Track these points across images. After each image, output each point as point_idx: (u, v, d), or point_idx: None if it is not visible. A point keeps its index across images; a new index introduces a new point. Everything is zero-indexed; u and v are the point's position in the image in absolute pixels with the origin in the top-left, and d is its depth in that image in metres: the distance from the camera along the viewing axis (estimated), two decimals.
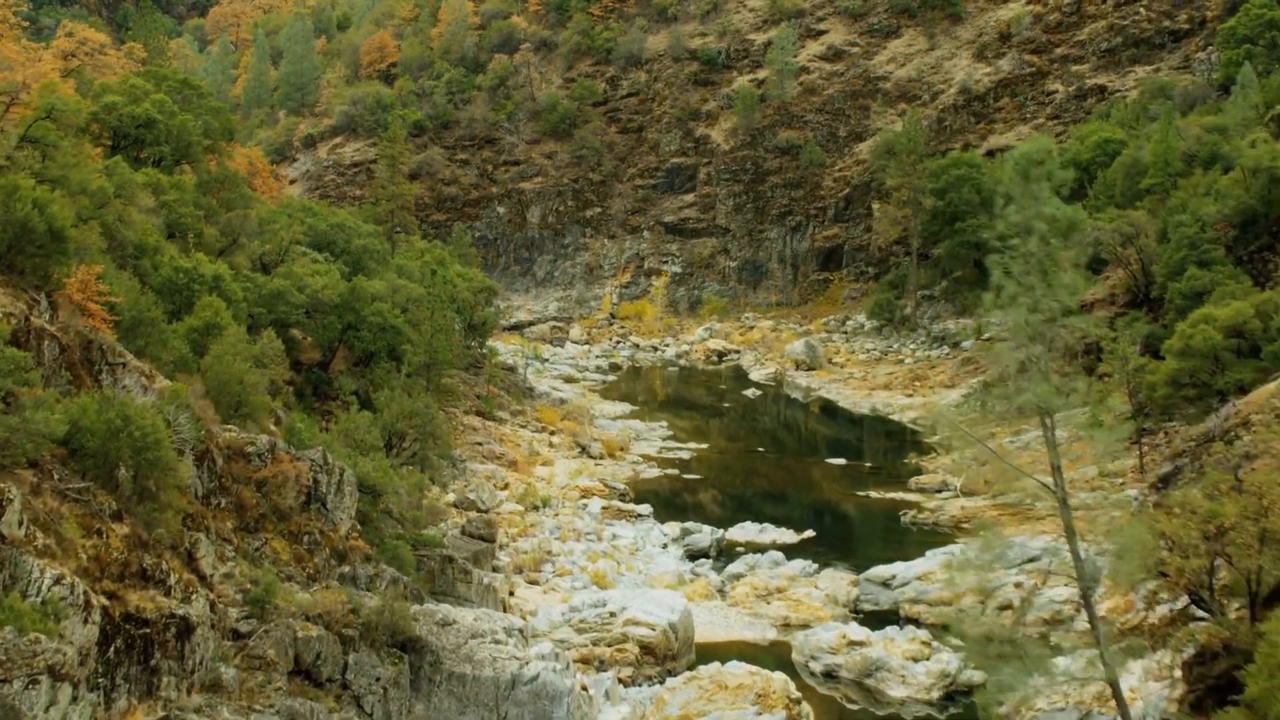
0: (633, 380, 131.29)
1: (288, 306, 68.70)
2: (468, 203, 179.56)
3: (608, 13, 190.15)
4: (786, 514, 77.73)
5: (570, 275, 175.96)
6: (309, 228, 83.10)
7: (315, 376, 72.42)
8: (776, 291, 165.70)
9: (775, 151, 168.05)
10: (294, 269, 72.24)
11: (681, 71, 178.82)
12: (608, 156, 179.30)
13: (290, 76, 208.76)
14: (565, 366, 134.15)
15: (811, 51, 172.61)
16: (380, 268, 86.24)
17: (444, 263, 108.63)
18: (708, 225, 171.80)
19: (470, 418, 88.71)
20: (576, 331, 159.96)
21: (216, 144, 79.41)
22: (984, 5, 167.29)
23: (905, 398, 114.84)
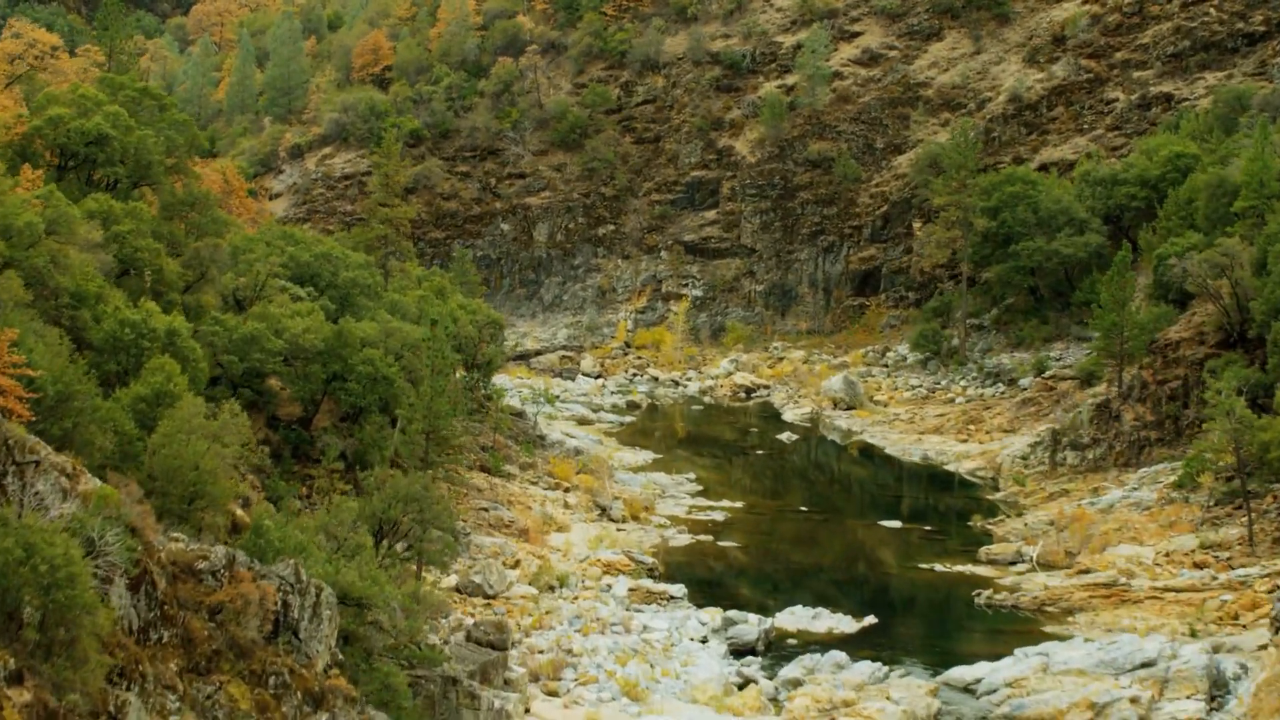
0: (653, 421, 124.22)
1: (262, 354, 61.66)
2: (469, 219, 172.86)
3: (622, 12, 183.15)
4: (841, 593, 70.49)
5: (581, 299, 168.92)
6: (290, 258, 75.93)
7: (295, 435, 65.27)
8: (807, 318, 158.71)
9: (805, 165, 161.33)
10: (270, 309, 65.03)
11: (703, 76, 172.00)
12: (622, 169, 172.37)
13: (276, 80, 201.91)
14: (578, 405, 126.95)
15: (845, 55, 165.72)
16: (373, 303, 79.07)
17: (444, 293, 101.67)
18: (731, 245, 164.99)
19: (475, 474, 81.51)
20: (588, 362, 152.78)
21: (182, 162, 72.09)
22: (1035, 5, 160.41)
23: (959, 443, 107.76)
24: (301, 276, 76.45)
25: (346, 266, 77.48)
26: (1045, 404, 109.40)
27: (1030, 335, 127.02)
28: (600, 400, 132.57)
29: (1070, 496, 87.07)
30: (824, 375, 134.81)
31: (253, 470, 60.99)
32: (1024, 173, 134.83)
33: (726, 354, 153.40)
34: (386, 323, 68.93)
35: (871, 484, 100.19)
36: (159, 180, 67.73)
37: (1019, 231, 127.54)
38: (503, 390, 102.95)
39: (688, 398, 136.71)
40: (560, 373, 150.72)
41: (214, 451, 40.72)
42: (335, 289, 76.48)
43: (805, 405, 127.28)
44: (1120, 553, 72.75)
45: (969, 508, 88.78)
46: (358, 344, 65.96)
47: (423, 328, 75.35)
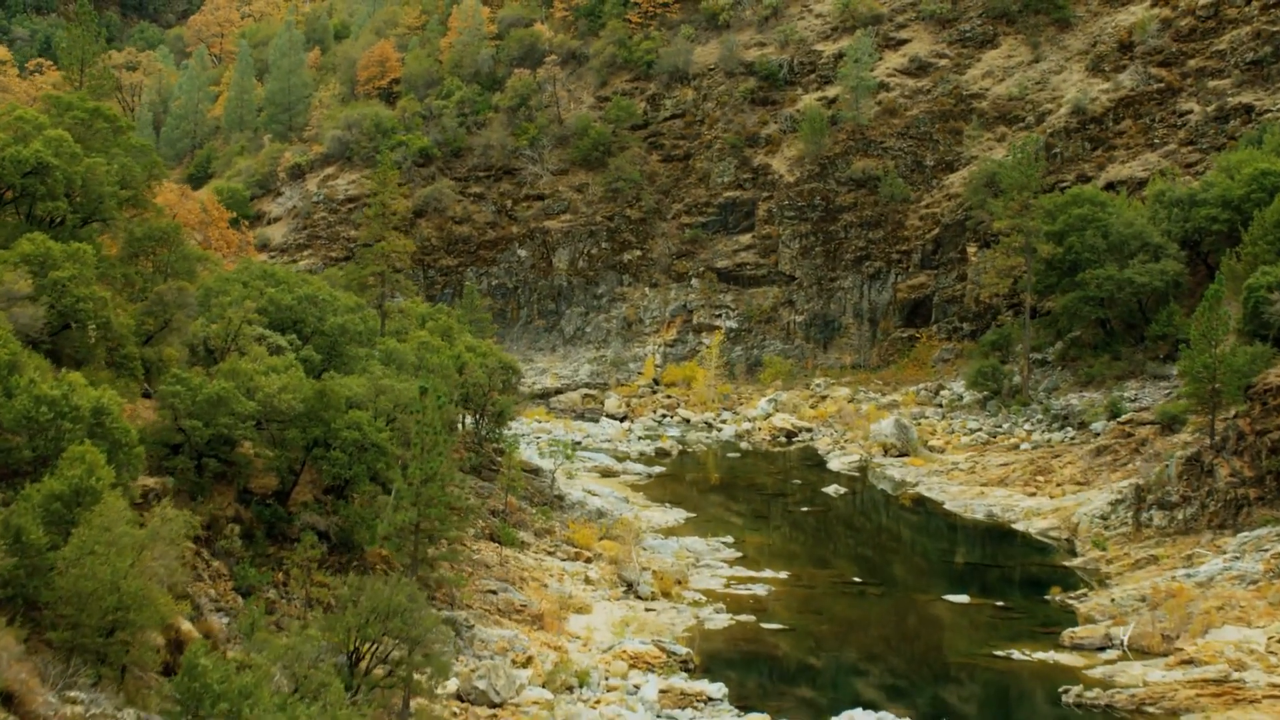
0: (685, 471, 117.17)
1: (231, 418, 54.96)
2: (483, 244, 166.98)
3: (648, 19, 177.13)
4: (907, 689, 63.36)
5: (604, 331, 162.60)
6: (270, 301, 69.26)
7: (270, 511, 58.45)
8: (851, 351, 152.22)
9: (849, 184, 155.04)
10: (241, 364, 58.35)
11: (736, 89, 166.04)
12: (649, 189, 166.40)
13: (276, 95, 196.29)
14: (602, 454, 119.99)
15: (891, 64, 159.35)
16: (366, 351, 72.48)
17: (450, 334, 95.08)
18: (769, 272, 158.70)
19: (483, 546, 74.62)
20: (613, 402, 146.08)
21: (140, 194, 65.46)
22: (1098, 8, 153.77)
23: (1027, 498, 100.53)
24: (283, 322, 69.85)
25: (334, 310, 70.80)
26: (1122, 452, 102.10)
27: (1100, 372, 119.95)
28: (626, 447, 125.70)
29: (1160, 565, 79.86)
30: (872, 417, 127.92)
31: (218, 556, 54.67)
32: (1092, 193, 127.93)
33: (764, 391, 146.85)
34: (378, 378, 62.05)
35: (931, 547, 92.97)
36: (111, 215, 60.99)
37: (1087, 258, 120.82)
38: (516, 444, 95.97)
39: (722, 443, 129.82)
40: (582, 414, 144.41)
41: (142, 567, 33.96)
42: (322, 336, 69.85)
43: (852, 451, 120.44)
44: (1227, 637, 65.50)
45: (1044, 577, 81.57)
46: (343, 405, 59.22)
47: (424, 379, 68.68)
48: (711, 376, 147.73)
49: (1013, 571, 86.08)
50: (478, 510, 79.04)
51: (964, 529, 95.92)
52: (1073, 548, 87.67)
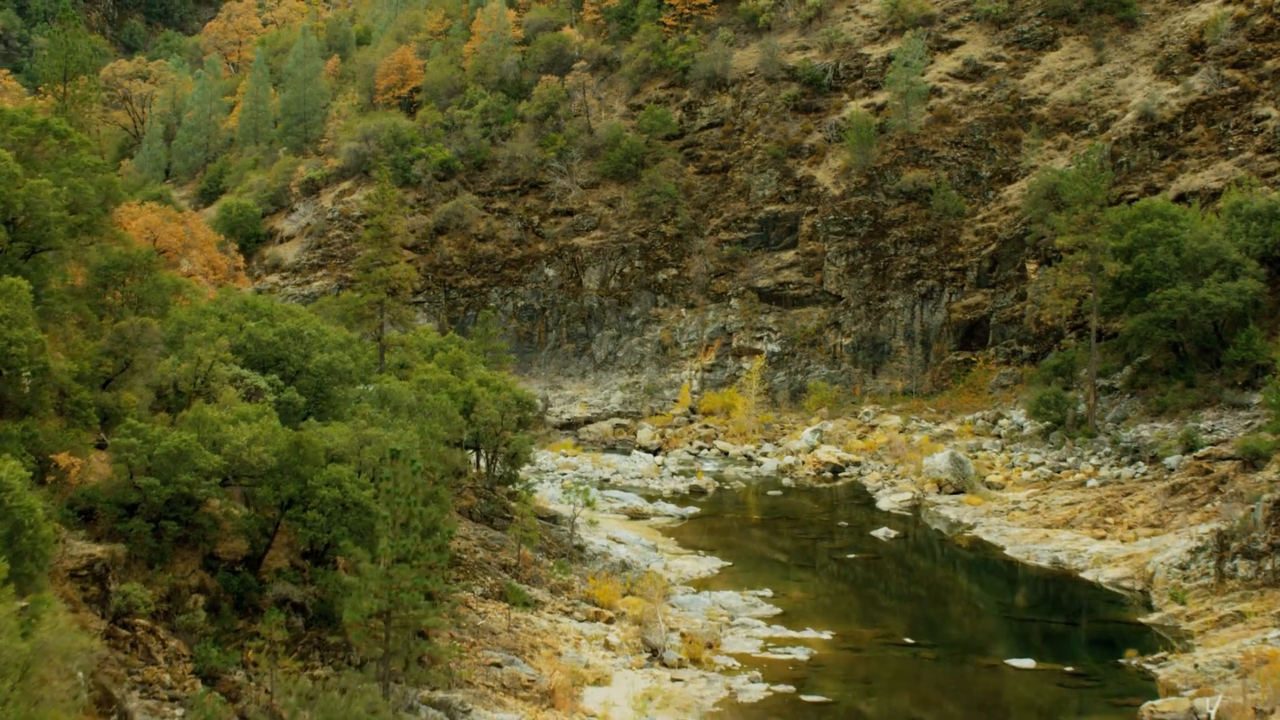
0: (721, 512, 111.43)
1: (193, 475, 49.93)
2: (508, 263, 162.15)
3: (683, 22, 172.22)
4: None
5: (638, 356, 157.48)
6: (249, 336, 64.13)
7: (238, 580, 53.17)
8: (903, 376, 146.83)
9: (899, 197, 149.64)
10: (207, 412, 53.22)
11: (777, 95, 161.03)
12: (685, 204, 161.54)
13: (291, 105, 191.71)
14: (631, 494, 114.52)
15: (944, 68, 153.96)
16: (360, 390, 67.27)
17: (462, 366, 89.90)
18: (813, 291, 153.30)
19: (490, 606, 69.14)
20: (646, 433, 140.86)
21: (96, 219, 60.32)
22: (1166, 7, 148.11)
23: (1096, 541, 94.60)
24: (264, 360, 64.76)
25: (321, 347, 65.53)
26: (1200, 491, 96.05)
27: (1173, 401, 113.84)
28: (658, 484, 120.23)
29: (1248, 624, 73.86)
30: (925, 449, 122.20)
31: (178, 633, 49.53)
32: (1162, 206, 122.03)
33: (808, 420, 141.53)
34: (362, 427, 56.70)
35: (991, 600, 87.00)
36: (58, 244, 55.85)
37: (1158, 276, 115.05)
38: (531, 491, 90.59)
39: (762, 479, 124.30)
40: (613, 445, 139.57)
41: (24, 691, 28.64)
42: (308, 375, 64.67)
43: (904, 488, 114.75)
44: None
45: (1117, 635, 75.66)
46: (322, 458, 54.02)
47: (420, 423, 63.44)
48: (752, 404, 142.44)
49: (1082, 629, 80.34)
50: (489, 565, 73.87)
51: (1027, 577, 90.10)
52: (1148, 600, 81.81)
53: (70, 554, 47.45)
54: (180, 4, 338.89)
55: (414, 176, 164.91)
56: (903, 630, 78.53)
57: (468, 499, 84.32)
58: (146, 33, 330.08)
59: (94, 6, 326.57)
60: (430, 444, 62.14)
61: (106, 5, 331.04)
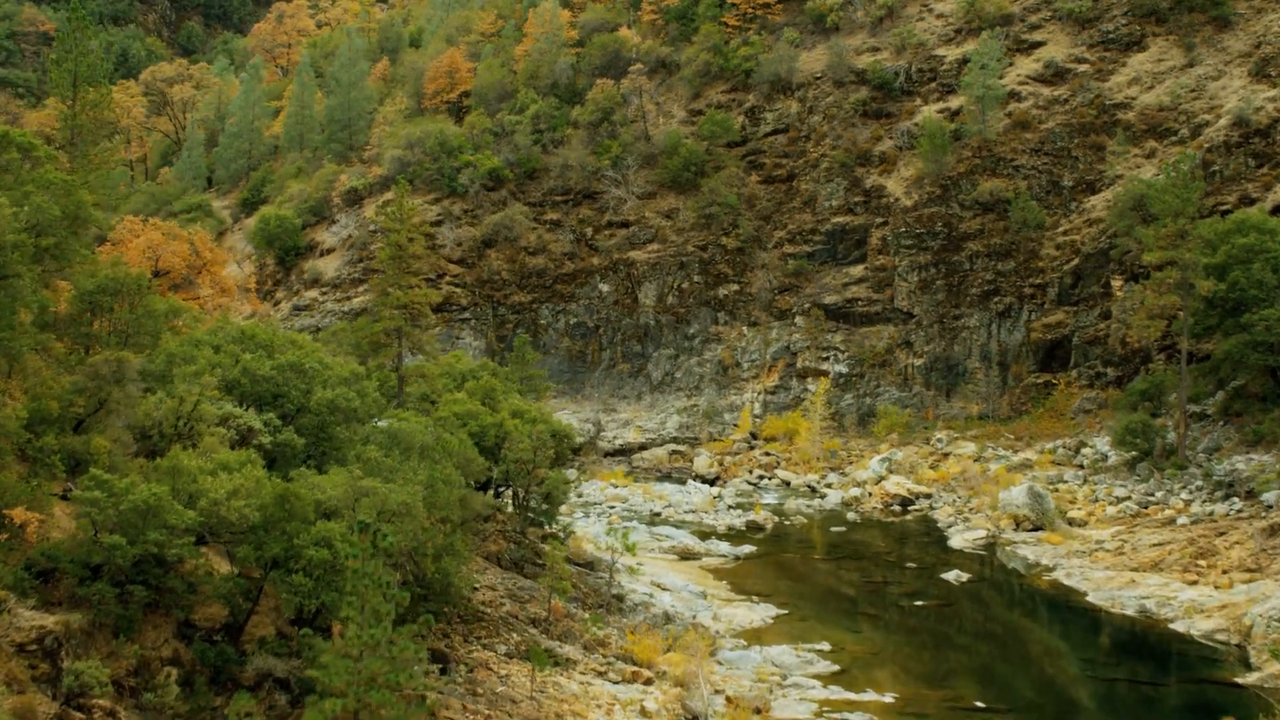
0: (779, 550, 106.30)
1: (163, 533, 45.61)
2: (560, 278, 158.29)
3: (746, 22, 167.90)
4: None
5: (697, 377, 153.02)
6: (244, 370, 59.81)
7: (216, 651, 48.60)
8: (978, 400, 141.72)
9: (974, 208, 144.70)
10: (183, 461, 48.90)
11: (846, 100, 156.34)
12: (747, 215, 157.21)
13: (335, 111, 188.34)
14: (683, 531, 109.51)
15: (1023, 71, 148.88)
16: (369, 429, 62.84)
17: (494, 397, 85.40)
18: (883, 309, 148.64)
19: (514, 667, 64.34)
20: (703, 460, 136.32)
21: (64, 243, 56.11)
22: (1262, 5, 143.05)
23: (1188, 587, 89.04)
24: (260, 397, 60.41)
25: (324, 382, 61.10)
26: None
27: (1271, 430, 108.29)
28: (713, 519, 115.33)
29: None
30: (1002, 481, 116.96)
31: (146, 712, 45.11)
32: (1259, 218, 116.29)
33: (877, 446, 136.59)
34: (358, 478, 52.14)
35: (1071, 655, 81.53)
36: (16, 272, 51.55)
37: (1254, 295, 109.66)
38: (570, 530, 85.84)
39: (826, 513, 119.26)
40: (668, 473, 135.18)
41: None
42: (309, 413, 60.27)
43: (978, 524, 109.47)
44: None
45: (1212, 699, 70.22)
46: (311, 513, 49.52)
47: (431, 470, 58.86)
48: (816, 430, 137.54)
49: (1172, 690, 74.89)
50: (515, 620, 69.24)
51: (1111, 628, 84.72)
52: (1245, 657, 76.40)
53: (17, 626, 43.41)
54: (239, 5, 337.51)
55: (460, 186, 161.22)
56: (974, 692, 73.33)
57: (496, 544, 79.79)
58: (205, 35, 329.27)
59: (151, 8, 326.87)
60: (443, 491, 57.55)
61: (164, 7, 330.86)
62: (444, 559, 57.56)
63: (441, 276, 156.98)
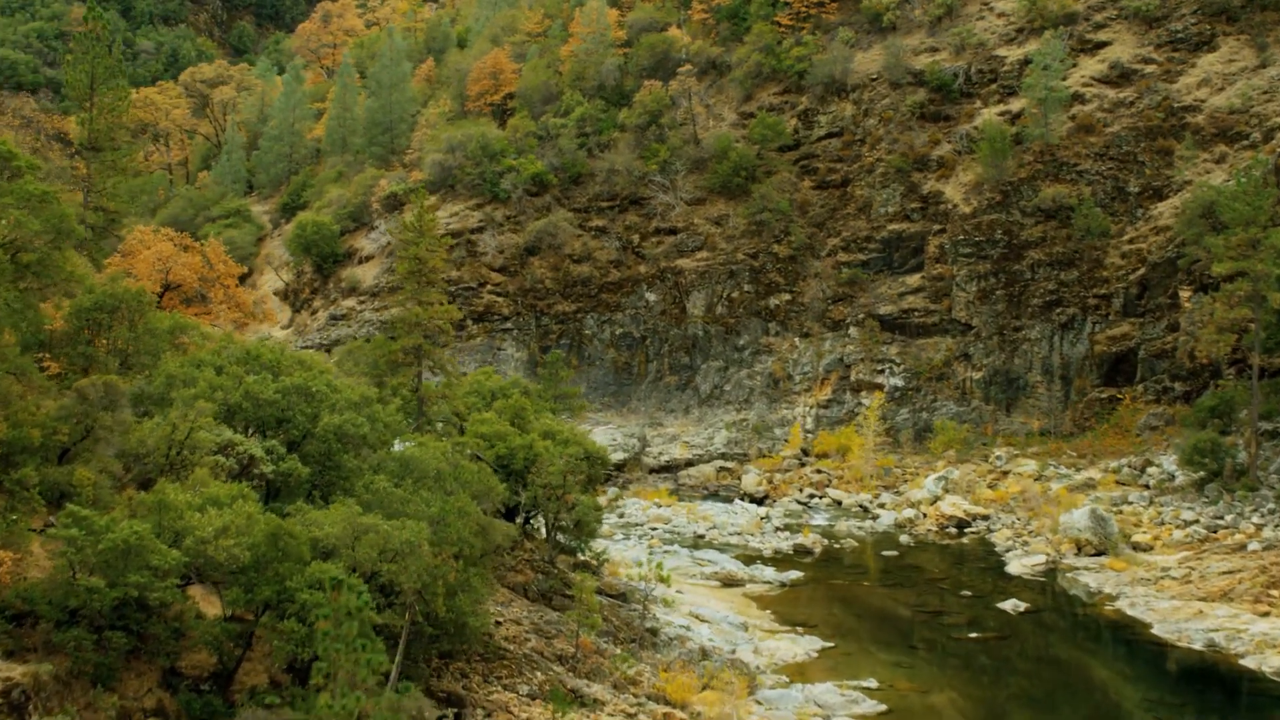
0: (827, 576, 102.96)
1: (145, 574, 43.00)
2: (605, 287, 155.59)
3: (800, 22, 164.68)
4: None
5: (746, 390, 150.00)
6: (246, 393, 57.09)
7: (202, 703, 45.82)
8: (1039, 415, 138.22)
9: (1036, 215, 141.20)
10: (170, 495, 46.26)
11: (903, 102, 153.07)
12: (799, 222, 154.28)
13: (375, 113, 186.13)
14: (726, 556, 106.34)
15: (1088, 72, 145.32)
16: (381, 455, 60.04)
17: (523, 416, 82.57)
18: (940, 320, 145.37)
19: (537, 710, 61.34)
20: (752, 478, 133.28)
21: (48, 257, 53.45)
22: None
23: (1259, 619, 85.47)
24: (264, 422, 57.68)
25: (332, 406, 58.27)
26: None
27: None
28: (759, 542, 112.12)
29: None
30: (1063, 502, 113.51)
31: None
32: None
33: (933, 464, 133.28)
34: (357, 514, 49.25)
35: (1134, 696, 77.95)
36: None
37: None
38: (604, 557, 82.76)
39: (878, 535, 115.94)
40: (715, 491, 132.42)
41: None
42: (315, 440, 57.49)
43: (1037, 549, 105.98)
44: None
45: None
46: (306, 553, 46.76)
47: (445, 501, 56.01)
48: (870, 446, 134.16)
49: None
50: (537, 659, 66.27)
51: (1177, 664, 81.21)
52: None
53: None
54: (291, 5, 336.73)
55: (503, 191, 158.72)
56: None
57: (523, 574, 76.84)
58: (256, 35, 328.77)
59: (201, 8, 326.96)
60: (455, 525, 54.69)
61: (215, 6, 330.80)
62: (458, 596, 54.74)
63: (483, 285, 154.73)
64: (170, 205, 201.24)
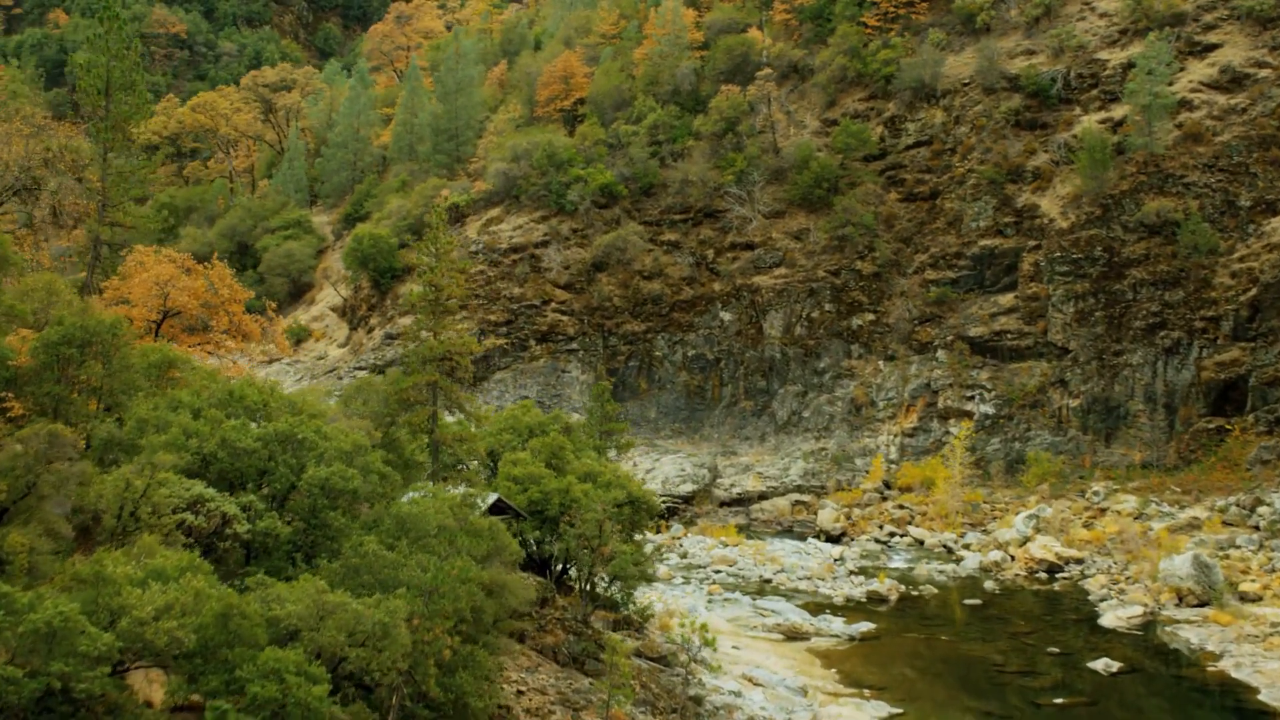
0: (902, 628, 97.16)
1: (72, 661, 38.26)
2: (677, 305, 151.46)
3: (888, 23, 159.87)
4: None
5: (826, 417, 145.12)
6: (222, 442, 52.28)
7: None
8: (1141, 446, 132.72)
9: (1139, 230, 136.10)
10: (109, 568, 41.56)
11: (996, 108, 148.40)
12: (884, 237, 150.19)
13: (440, 120, 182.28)
14: (792, 605, 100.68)
15: (1196, 76, 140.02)
16: (378, 510, 55.11)
17: (561, 455, 77.52)
18: (1035, 343, 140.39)
19: None
20: (828, 514, 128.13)
21: None
22: None
23: None
24: (243, 474, 52.87)
25: (320, 457, 53.34)
26: None
27: None
28: (829, 588, 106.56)
29: None
30: (1164, 545, 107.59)
31: None
32: None
33: (1025, 499, 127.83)
34: (322, 593, 44.17)
35: None
36: None
37: None
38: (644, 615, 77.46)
39: (961, 580, 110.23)
40: (789, 527, 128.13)
41: None
42: (299, 496, 52.59)
43: (1134, 598, 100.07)
44: None
45: None
46: (261, 636, 41.83)
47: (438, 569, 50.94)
48: (957, 479, 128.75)
49: None
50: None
51: None
52: None
53: None
54: (379, 6, 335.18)
55: (570, 203, 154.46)
56: None
57: (553, 634, 71.57)
58: (343, 37, 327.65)
59: (287, 9, 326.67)
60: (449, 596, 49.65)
61: (300, 8, 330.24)
62: (458, 674, 49.67)
63: (547, 303, 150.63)
64: (228, 215, 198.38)
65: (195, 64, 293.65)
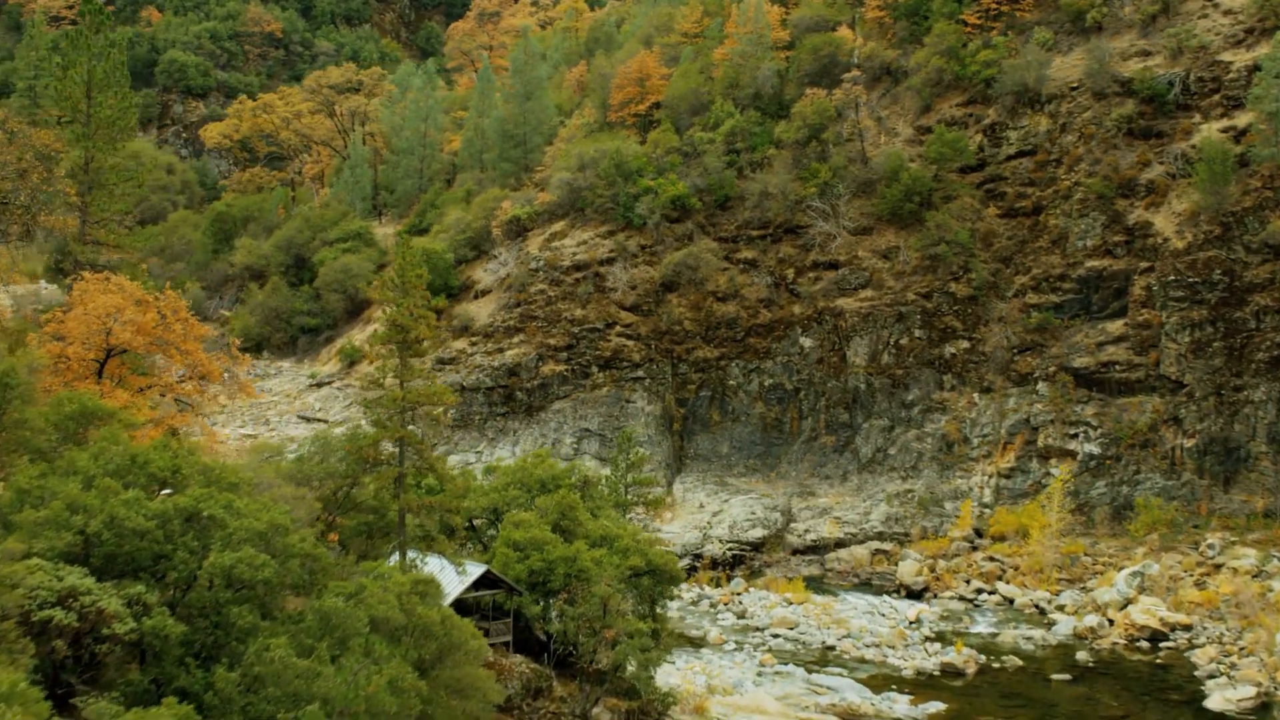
0: (976, 708, 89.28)
1: None
2: (754, 330, 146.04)
3: (989, 21, 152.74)
4: None
5: (914, 455, 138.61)
6: (109, 520, 45.47)
7: None
8: (1264, 493, 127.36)
9: (1264, 252, 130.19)
10: None
11: (1107, 115, 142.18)
12: (982, 256, 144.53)
13: (506, 125, 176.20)
14: (850, 681, 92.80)
15: None
16: (305, 605, 48.18)
17: (573, 514, 70.43)
18: (1146, 376, 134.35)
19: None
20: (910, 566, 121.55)
21: None
22: None
23: None
24: (134, 559, 45.97)
25: (227, 539, 46.28)
26: None
27: None
28: (900, 658, 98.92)
29: None
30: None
31: None
32: None
33: (1131, 551, 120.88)
34: None
35: None
36: None
37: None
38: (666, 702, 70.07)
39: (1050, 648, 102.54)
40: (868, 580, 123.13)
41: None
42: (199, 588, 45.64)
43: (1247, 674, 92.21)
44: None
45: None
46: None
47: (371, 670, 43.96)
48: (1055, 528, 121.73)
49: None
50: None
51: None
52: None
53: None
54: (485, 3, 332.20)
55: (638, 217, 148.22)
56: None
57: None
58: (445, 37, 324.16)
59: (388, 7, 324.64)
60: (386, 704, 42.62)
61: (402, 6, 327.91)
62: None
63: (611, 326, 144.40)
64: (286, 227, 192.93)
65: (291, 64, 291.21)
